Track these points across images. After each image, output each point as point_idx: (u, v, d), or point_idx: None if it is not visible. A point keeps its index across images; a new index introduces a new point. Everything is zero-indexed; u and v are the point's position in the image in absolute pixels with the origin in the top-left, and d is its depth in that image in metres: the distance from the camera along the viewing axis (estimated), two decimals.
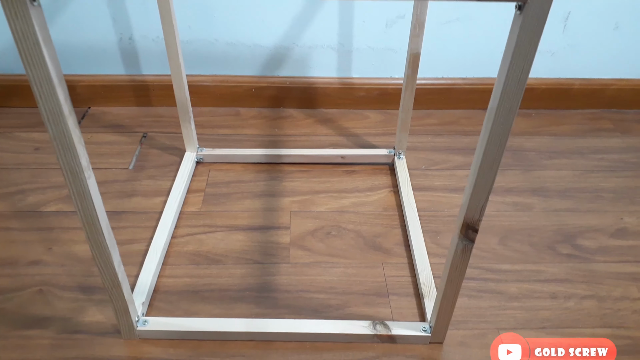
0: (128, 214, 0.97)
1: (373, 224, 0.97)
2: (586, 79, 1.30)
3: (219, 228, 0.95)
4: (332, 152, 1.13)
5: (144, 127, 1.21)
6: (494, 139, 0.54)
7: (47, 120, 0.52)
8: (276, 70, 1.27)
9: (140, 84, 1.26)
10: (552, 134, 1.23)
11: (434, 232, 0.95)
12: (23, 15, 0.44)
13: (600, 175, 1.11)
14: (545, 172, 1.11)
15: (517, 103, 0.51)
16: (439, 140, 1.21)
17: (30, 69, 0.48)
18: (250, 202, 1.01)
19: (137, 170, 1.08)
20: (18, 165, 1.08)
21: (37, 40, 0.46)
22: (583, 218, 1.00)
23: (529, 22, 0.45)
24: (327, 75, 1.29)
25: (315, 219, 0.97)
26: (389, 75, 1.29)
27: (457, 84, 1.29)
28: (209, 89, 1.27)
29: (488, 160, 0.55)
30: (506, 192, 1.05)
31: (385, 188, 1.06)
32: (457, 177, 1.09)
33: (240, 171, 1.09)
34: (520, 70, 0.49)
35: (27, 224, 0.94)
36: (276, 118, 1.28)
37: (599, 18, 1.20)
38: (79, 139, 0.55)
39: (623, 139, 1.23)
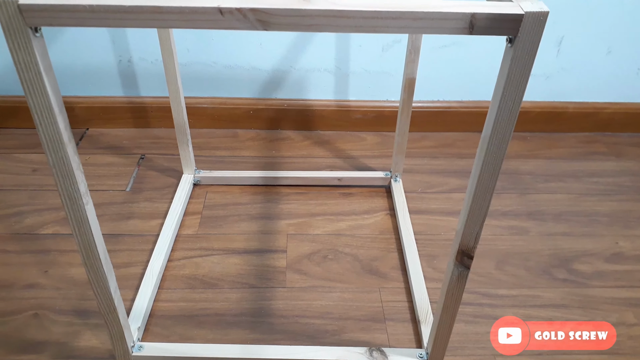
0: (125, 237, 0.97)
1: (370, 247, 0.97)
2: (580, 102, 1.32)
3: (215, 251, 0.95)
4: (329, 175, 1.14)
5: (141, 149, 1.22)
6: (488, 167, 0.54)
7: (47, 147, 0.52)
8: (274, 93, 1.29)
9: (138, 106, 1.27)
10: (547, 157, 1.25)
11: (431, 256, 0.95)
12: (26, 46, 0.45)
13: (595, 198, 1.11)
14: (540, 196, 1.12)
15: (509, 132, 0.52)
16: (435, 162, 1.22)
17: (31, 97, 0.49)
18: (246, 225, 1.01)
19: (135, 192, 1.08)
20: (16, 186, 1.08)
21: (38, 70, 0.47)
22: (578, 242, 1.00)
23: (520, 55, 0.46)
24: (324, 97, 1.30)
25: (311, 242, 0.97)
26: (385, 98, 1.31)
27: (452, 107, 1.31)
28: (207, 110, 1.28)
29: (482, 187, 0.56)
30: (502, 215, 1.06)
31: (382, 211, 1.06)
32: (454, 200, 1.10)
33: (237, 193, 1.10)
34: (512, 100, 0.50)
35: (23, 247, 0.94)
36: (273, 140, 1.29)
37: (591, 43, 1.22)
38: (78, 165, 0.55)
39: (617, 162, 1.24)
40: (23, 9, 0.43)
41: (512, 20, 0.44)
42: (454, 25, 0.45)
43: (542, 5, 0.45)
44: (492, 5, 0.45)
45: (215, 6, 0.43)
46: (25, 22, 0.44)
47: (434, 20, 0.45)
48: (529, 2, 0.45)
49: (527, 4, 0.45)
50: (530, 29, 0.45)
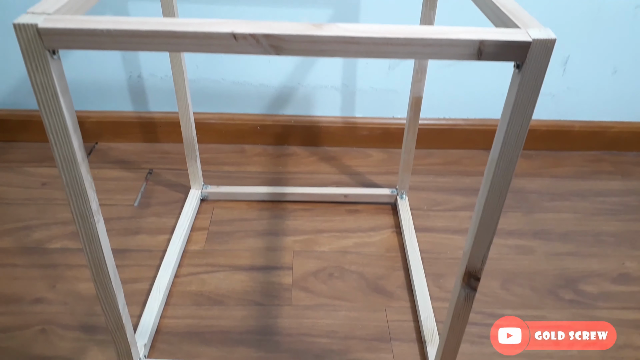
0: (132, 252, 0.98)
1: (376, 265, 0.97)
2: (586, 121, 1.32)
3: (221, 267, 0.95)
4: (335, 191, 1.15)
5: (150, 164, 1.23)
6: (495, 190, 0.55)
7: (61, 166, 0.53)
8: (281, 109, 1.30)
9: (147, 121, 1.28)
10: (553, 176, 1.25)
11: (437, 275, 0.95)
12: (43, 68, 0.46)
13: (602, 218, 1.11)
14: (546, 215, 1.12)
15: (516, 156, 0.52)
16: (441, 180, 1.22)
17: (47, 118, 0.50)
18: (253, 241, 1.02)
19: (142, 207, 1.09)
20: (25, 200, 1.09)
21: (55, 92, 0.48)
22: (584, 262, 1.00)
23: (527, 81, 0.47)
24: (331, 114, 1.31)
25: (317, 260, 0.98)
26: (391, 115, 1.31)
27: (458, 125, 1.32)
28: (215, 126, 1.30)
29: (489, 210, 0.56)
30: (508, 234, 1.06)
31: (387, 228, 1.06)
32: (459, 219, 1.10)
33: (244, 209, 1.10)
34: (520, 125, 0.50)
35: (31, 261, 0.95)
36: (280, 155, 1.30)
37: (597, 62, 1.23)
38: (90, 184, 0.56)
39: (623, 181, 1.24)
40: (42, 33, 0.44)
41: (519, 47, 0.45)
42: (462, 52, 0.46)
43: (549, 33, 0.46)
44: (500, 32, 0.46)
45: (229, 32, 0.44)
46: (44, 45, 0.45)
47: (443, 47, 0.45)
48: (537, 29, 0.46)
49: (535, 31, 0.46)
50: (538, 55, 0.46)
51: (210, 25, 0.45)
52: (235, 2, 1.11)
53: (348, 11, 1.13)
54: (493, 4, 0.53)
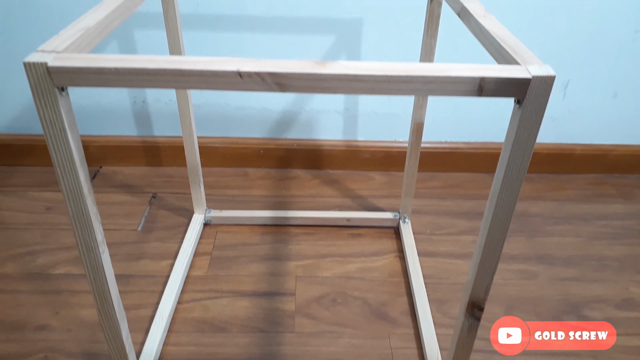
0: (135, 278, 0.98)
1: (379, 291, 0.97)
2: (587, 144, 1.33)
3: (224, 293, 0.95)
4: (338, 215, 1.15)
5: (153, 187, 1.24)
6: (497, 222, 0.55)
7: (67, 198, 0.54)
8: (284, 133, 1.31)
9: (151, 145, 1.29)
10: (555, 199, 1.25)
11: (440, 301, 0.95)
12: (52, 104, 0.47)
13: (605, 242, 1.11)
14: (549, 239, 1.12)
15: (518, 188, 0.53)
16: (444, 204, 1.23)
17: (55, 152, 0.50)
18: (256, 266, 1.02)
19: (146, 232, 1.10)
20: (29, 225, 1.10)
21: (63, 127, 0.49)
22: (588, 287, 0.99)
23: (528, 116, 0.48)
24: (333, 137, 1.32)
25: (320, 285, 0.98)
26: (393, 139, 1.32)
27: (460, 148, 1.32)
28: (219, 150, 1.31)
29: (492, 241, 0.57)
30: (511, 259, 1.06)
31: (390, 253, 1.07)
32: (462, 243, 1.10)
33: (247, 233, 1.11)
34: (521, 159, 0.51)
35: (35, 287, 0.95)
36: (283, 178, 1.31)
37: (597, 86, 1.24)
38: (96, 215, 0.56)
39: (626, 204, 1.24)
40: (52, 71, 0.45)
41: (519, 84, 0.46)
42: (463, 88, 0.46)
43: (549, 70, 0.47)
44: (500, 69, 0.47)
45: (235, 70, 0.45)
46: (53, 82, 0.46)
47: (444, 84, 0.46)
48: (537, 66, 0.47)
49: (535, 68, 0.47)
50: (538, 91, 0.46)
51: (217, 64, 0.46)
52: (239, 29, 1.13)
53: (350, 37, 1.15)
54: (494, 39, 0.54)
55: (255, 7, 1.10)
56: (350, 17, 1.12)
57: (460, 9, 0.66)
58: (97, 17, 0.56)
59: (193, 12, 1.10)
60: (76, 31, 0.52)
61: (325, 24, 1.13)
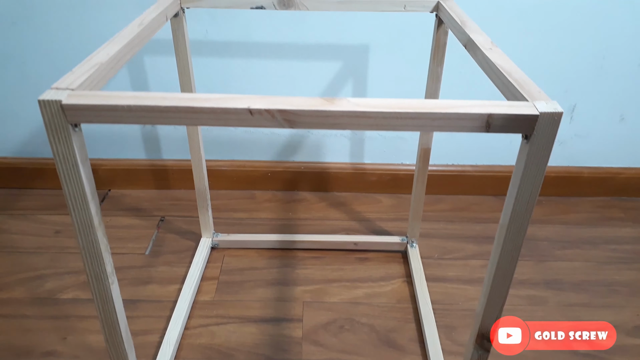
0: (143, 303, 0.98)
1: (387, 317, 0.96)
2: (595, 167, 1.33)
3: (231, 319, 0.95)
4: (345, 239, 1.15)
5: (161, 211, 1.25)
6: (506, 254, 0.55)
7: (78, 230, 0.54)
8: (291, 156, 1.32)
9: (160, 168, 1.30)
10: (563, 223, 1.24)
11: (449, 328, 0.94)
12: (65, 140, 0.48)
13: (614, 267, 1.10)
14: (558, 264, 1.11)
15: (526, 221, 0.53)
16: (451, 227, 1.22)
17: (67, 185, 0.51)
18: (263, 291, 1.01)
19: (153, 256, 1.10)
20: (38, 249, 1.11)
21: (76, 162, 0.49)
22: (598, 313, 0.98)
23: (536, 151, 0.48)
24: (340, 160, 1.33)
25: (328, 311, 0.97)
26: (400, 162, 1.33)
27: (467, 171, 1.32)
28: (226, 173, 1.32)
29: (501, 273, 0.57)
30: (520, 284, 1.05)
31: (398, 278, 1.06)
32: (470, 268, 1.09)
33: (254, 257, 1.11)
34: (529, 193, 0.51)
35: (43, 312, 0.95)
36: (290, 201, 1.31)
37: (604, 110, 1.24)
38: (106, 247, 0.57)
39: (635, 228, 1.23)
40: (66, 108, 0.46)
41: (527, 120, 0.46)
42: (471, 125, 0.47)
43: (556, 106, 0.47)
44: (508, 105, 0.47)
45: (245, 107, 0.46)
46: (66, 119, 0.47)
47: (452, 120, 0.47)
48: (544, 102, 0.47)
49: (542, 105, 0.47)
50: (545, 128, 0.47)
51: (228, 101, 0.46)
52: (247, 55, 1.14)
53: (357, 63, 1.16)
54: (501, 73, 0.55)
55: (263, 33, 1.12)
56: (356, 43, 1.13)
57: (466, 40, 0.67)
58: (110, 52, 0.57)
59: (203, 39, 1.12)
60: (90, 67, 0.53)
61: (332, 50, 1.14)
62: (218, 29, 1.11)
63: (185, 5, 0.83)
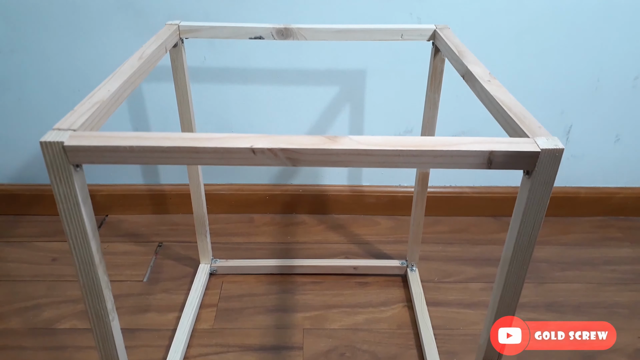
0: (141, 332, 0.97)
1: (388, 343, 0.96)
2: (592, 187, 1.34)
3: (230, 348, 0.94)
4: (345, 263, 1.14)
5: (159, 236, 1.24)
6: (509, 288, 0.55)
7: (79, 269, 0.54)
8: (289, 179, 1.32)
9: (157, 193, 1.30)
10: (562, 243, 1.25)
11: (451, 354, 0.94)
12: (67, 180, 0.48)
13: (614, 288, 1.10)
14: (557, 285, 1.11)
15: (529, 256, 0.53)
16: (451, 249, 1.22)
17: (68, 225, 0.51)
18: (262, 319, 1.01)
19: (152, 283, 1.09)
20: (35, 277, 1.10)
21: (77, 201, 0.49)
22: None
23: (537, 187, 0.48)
24: (339, 183, 1.33)
25: (328, 338, 0.96)
26: (398, 184, 1.33)
27: (465, 192, 1.33)
28: (225, 197, 1.31)
29: (504, 307, 0.56)
30: (520, 307, 1.04)
31: (399, 302, 1.06)
32: (471, 291, 1.09)
33: (253, 283, 1.10)
34: (531, 227, 0.51)
35: (40, 343, 0.94)
36: (289, 224, 1.31)
37: (600, 131, 1.25)
38: (107, 284, 0.56)
39: (633, 248, 1.23)
40: (68, 150, 0.46)
41: (528, 157, 0.47)
42: (472, 162, 0.47)
43: (557, 142, 0.47)
44: (509, 142, 0.47)
45: (248, 147, 0.46)
46: (68, 160, 0.47)
47: (453, 157, 0.47)
48: (545, 139, 0.48)
49: (543, 141, 0.47)
50: (547, 164, 0.47)
51: (230, 140, 0.47)
52: (246, 81, 1.15)
53: (354, 88, 1.16)
54: (501, 107, 0.55)
55: (261, 59, 1.13)
56: (354, 69, 1.14)
57: (464, 71, 0.67)
58: (111, 89, 0.57)
59: (201, 65, 1.13)
60: (91, 105, 0.53)
61: (329, 75, 1.15)
62: (216, 55, 1.12)
63: (184, 36, 0.83)
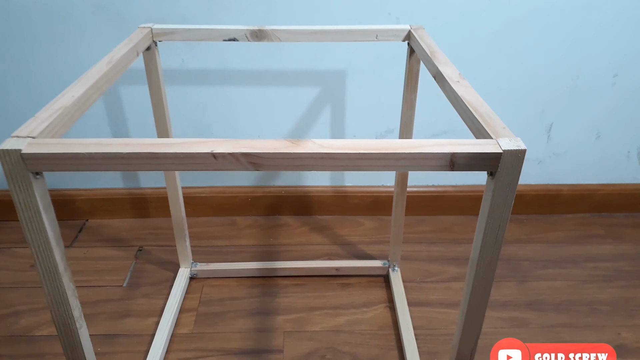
0: (120, 337, 0.96)
1: (369, 345, 0.95)
2: (574, 184, 1.34)
3: (210, 352, 0.93)
4: (327, 264, 1.14)
5: (140, 240, 1.23)
6: (478, 289, 0.55)
7: (43, 278, 0.53)
8: (272, 180, 1.31)
9: (138, 197, 1.29)
10: (544, 241, 1.25)
11: (431, 354, 0.93)
12: (26, 188, 0.47)
13: (595, 285, 1.11)
14: (539, 284, 1.11)
15: (496, 256, 0.53)
16: (433, 249, 1.22)
17: (30, 234, 0.50)
18: (243, 322, 1.00)
19: (131, 288, 1.08)
20: (13, 283, 1.08)
21: (38, 210, 0.49)
22: (580, 334, 0.98)
23: (501, 187, 0.48)
24: (321, 184, 1.32)
25: (309, 341, 0.96)
26: (381, 184, 1.33)
27: (447, 192, 1.33)
28: (206, 199, 1.30)
29: (474, 308, 0.56)
30: (502, 306, 1.05)
31: (381, 303, 1.05)
32: (453, 291, 1.09)
33: (234, 287, 1.09)
34: (497, 228, 0.51)
35: (18, 350, 0.93)
36: (272, 226, 1.30)
37: (580, 129, 1.26)
38: (73, 291, 0.56)
39: (615, 245, 1.24)
40: (25, 157, 0.45)
41: (491, 158, 0.47)
42: (435, 164, 0.47)
43: (519, 143, 0.47)
44: (471, 143, 0.47)
45: (208, 152, 0.45)
46: (27, 168, 0.46)
47: (416, 160, 0.47)
48: (507, 140, 0.47)
49: (505, 142, 0.47)
50: (509, 164, 0.47)
51: (190, 146, 0.46)
52: (223, 82, 1.14)
53: (335, 88, 1.16)
54: (467, 107, 0.55)
55: (240, 61, 1.12)
56: (334, 69, 1.14)
57: (435, 72, 0.67)
58: (76, 94, 0.56)
59: (179, 68, 1.12)
60: (53, 111, 0.52)
61: (310, 76, 1.14)
62: (194, 57, 1.11)
63: (158, 39, 0.83)
